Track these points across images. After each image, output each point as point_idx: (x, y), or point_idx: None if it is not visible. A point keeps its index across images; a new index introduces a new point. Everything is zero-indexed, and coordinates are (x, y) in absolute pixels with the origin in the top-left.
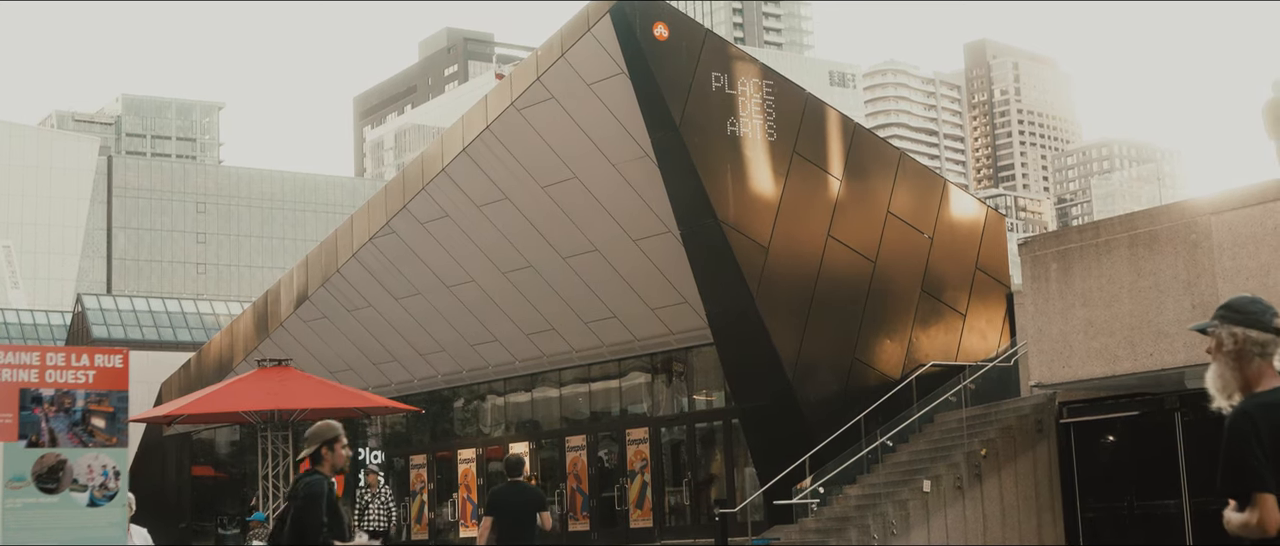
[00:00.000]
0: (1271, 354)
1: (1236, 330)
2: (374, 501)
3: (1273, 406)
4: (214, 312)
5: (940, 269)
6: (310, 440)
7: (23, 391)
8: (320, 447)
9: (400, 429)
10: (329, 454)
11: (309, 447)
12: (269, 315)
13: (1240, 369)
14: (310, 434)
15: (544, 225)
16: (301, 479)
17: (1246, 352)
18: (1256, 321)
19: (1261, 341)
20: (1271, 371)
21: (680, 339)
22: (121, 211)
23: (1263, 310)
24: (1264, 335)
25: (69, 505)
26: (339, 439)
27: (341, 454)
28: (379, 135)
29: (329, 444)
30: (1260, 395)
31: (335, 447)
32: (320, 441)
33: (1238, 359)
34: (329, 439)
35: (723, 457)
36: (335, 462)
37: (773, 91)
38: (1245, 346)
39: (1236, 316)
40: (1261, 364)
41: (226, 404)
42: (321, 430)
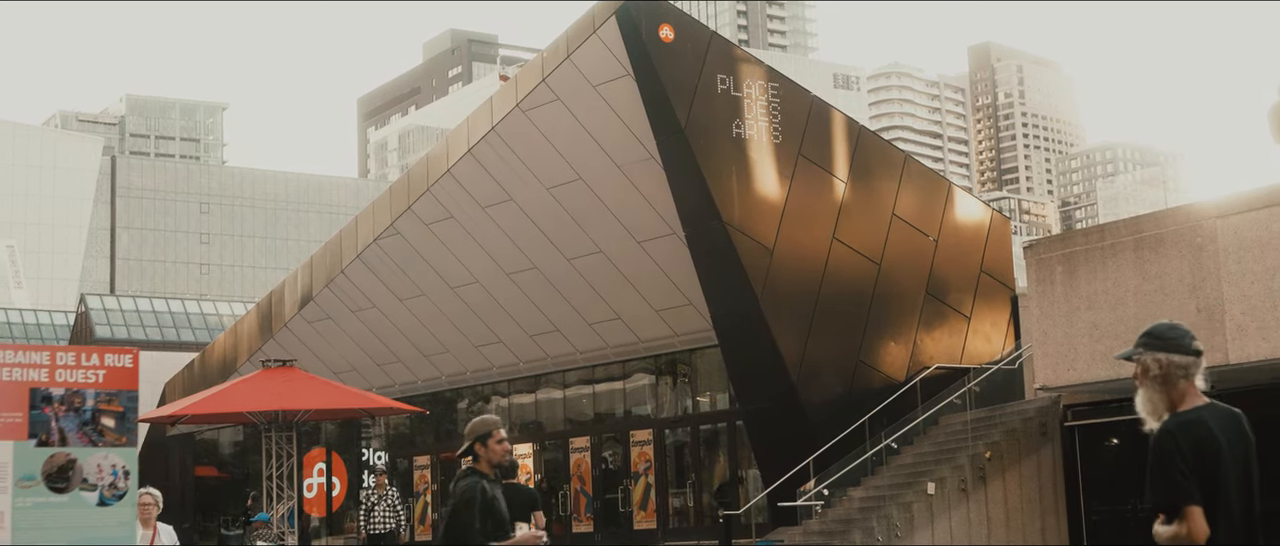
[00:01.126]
0: (1193, 375)
1: (1160, 356)
2: (381, 502)
3: (1195, 424)
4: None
5: (945, 271)
6: (465, 436)
7: (33, 390)
8: (474, 444)
9: (404, 430)
10: (483, 450)
11: (464, 445)
12: (273, 316)
13: (1166, 391)
14: (467, 430)
15: (549, 226)
16: (458, 479)
17: (1171, 376)
18: (1177, 346)
19: (1183, 364)
20: (1194, 391)
21: (684, 340)
22: (125, 212)
23: (1182, 335)
24: (1185, 358)
25: (78, 504)
26: (493, 434)
27: (497, 449)
28: (383, 136)
29: (482, 439)
30: (1183, 414)
31: (489, 443)
32: (474, 437)
33: (1163, 383)
34: (482, 434)
35: (727, 459)
36: (491, 458)
37: (778, 94)
38: (1170, 371)
39: (1159, 343)
40: (1185, 385)
41: (231, 404)
42: (476, 426)
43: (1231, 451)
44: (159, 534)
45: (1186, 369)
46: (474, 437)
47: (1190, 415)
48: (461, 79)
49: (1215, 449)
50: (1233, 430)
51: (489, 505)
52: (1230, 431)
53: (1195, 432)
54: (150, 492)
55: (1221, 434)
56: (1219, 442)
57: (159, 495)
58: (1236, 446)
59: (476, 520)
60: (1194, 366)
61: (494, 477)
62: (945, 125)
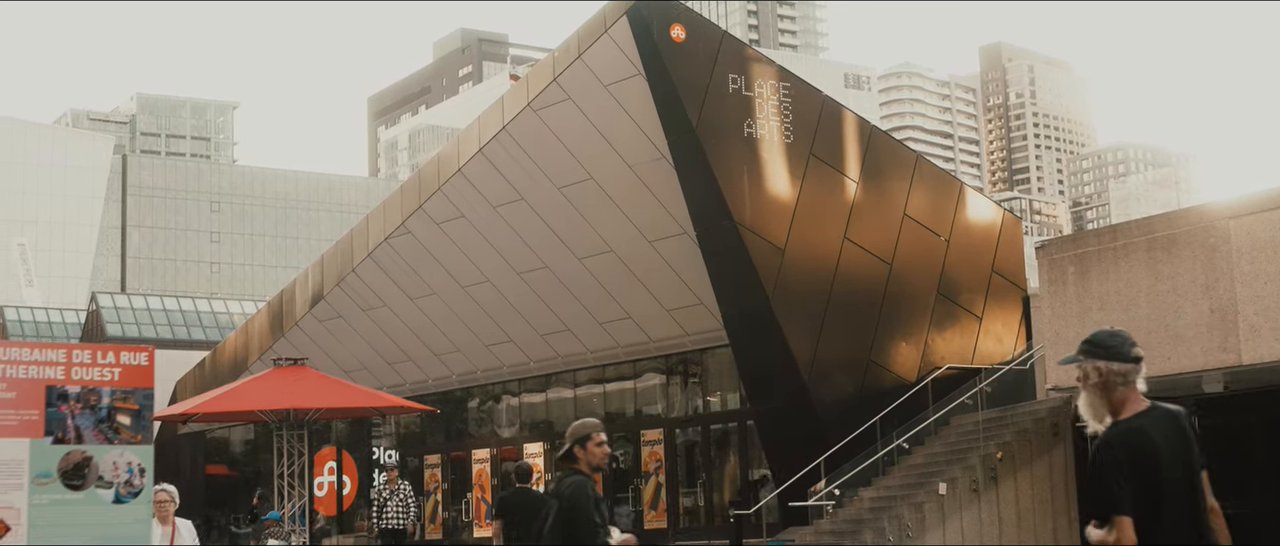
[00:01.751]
0: (1133, 381)
1: (1099, 363)
2: (392, 499)
3: (1134, 432)
4: (228, 311)
5: (956, 272)
6: (566, 438)
7: (49, 388)
8: (574, 446)
9: (415, 429)
10: (582, 452)
11: (564, 446)
12: (284, 314)
13: (1106, 397)
14: (568, 432)
15: (560, 226)
16: (564, 478)
17: (1110, 383)
18: (1117, 354)
19: (1123, 371)
20: (1135, 395)
21: (695, 340)
22: (136, 210)
23: (1122, 343)
24: (1125, 365)
25: (94, 502)
26: (592, 436)
27: (597, 451)
28: (393, 135)
29: (582, 441)
30: (1123, 422)
31: (588, 446)
32: (575, 439)
33: (1103, 389)
34: (582, 436)
35: (738, 459)
36: (591, 460)
37: (789, 93)
38: (1109, 377)
39: (1099, 351)
40: (1125, 390)
41: (243, 402)
42: (577, 428)
43: (1171, 453)
44: (178, 530)
45: (1125, 376)
46: (574, 440)
47: (1130, 423)
48: (472, 78)
49: (1153, 454)
50: (1172, 431)
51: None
52: (1170, 433)
53: (1132, 441)
54: (166, 489)
55: (1160, 438)
56: (1157, 447)
57: (175, 491)
58: (1177, 447)
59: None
60: (1133, 373)
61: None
62: (956, 125)
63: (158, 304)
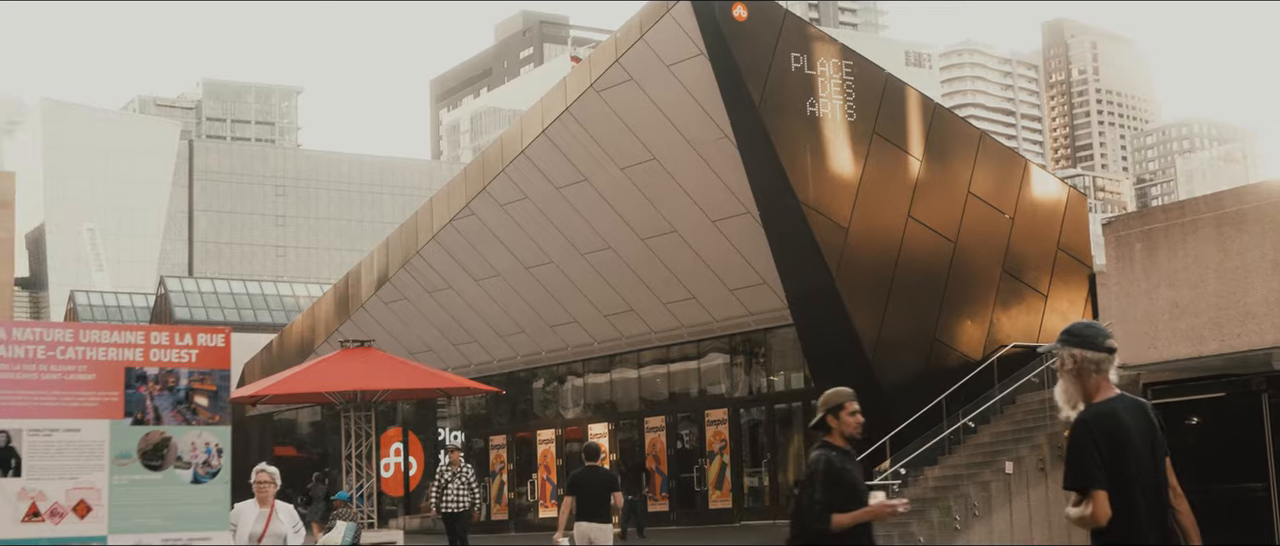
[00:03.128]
0: (1106, 369)
1: (1075, 351)
2: (454, 480)
3: (1107, 414)
4: (294, 294)
5: (1021, 249)
6: (818, 408)
7: (128, 370)
8: (826, 415)
9: (480, 410)
10: (836, 421)
11: (817, 415)
12: (350, 297)
13: (1080, 383)
14: (820, 401)
15: (623, 207)
16: (813, 449)
17: (1084, 370)
18: (1091, 343)
19: (1096, 359)
20: (1107, 384)
21: (759, 320)
22: (202, 195)
23: (1097, 333)
24: (1098, 354)
25: (173, 482)
26: (845, 405)
27: (850, 420)
28: (455, 118)
29: (835, 411)
30: (1097, 405)
31: (841, 415)
32: (827, 409)
33: (1078, 376)
34: (835, 405)
35: (802, 439)
36: (844, 430)
37: (852, 72)
38: (1083, 365)
39: (1075, 340)
40: (1098, 378)
41: (311, 384)
42: (829, 397)
43: (1140, 438)
44: (276, 513)
45: (1098, 364)
46: (827, 409)
47: (1103, 407)
48: (533, 60)
49: (1125, 437)
50: (1140, 418)
51: (837, 476)
52: (1138, 420)
53: (1107, 423)
54: (267, 470)
55: (1130, 422)
56: (1128, 430)
57: (276, 472)
58: (1143, 432)
59: (818, 492)
60: (1106, 362)
61: (846, 449)
62: (1018, 102)
63: (225, 287)
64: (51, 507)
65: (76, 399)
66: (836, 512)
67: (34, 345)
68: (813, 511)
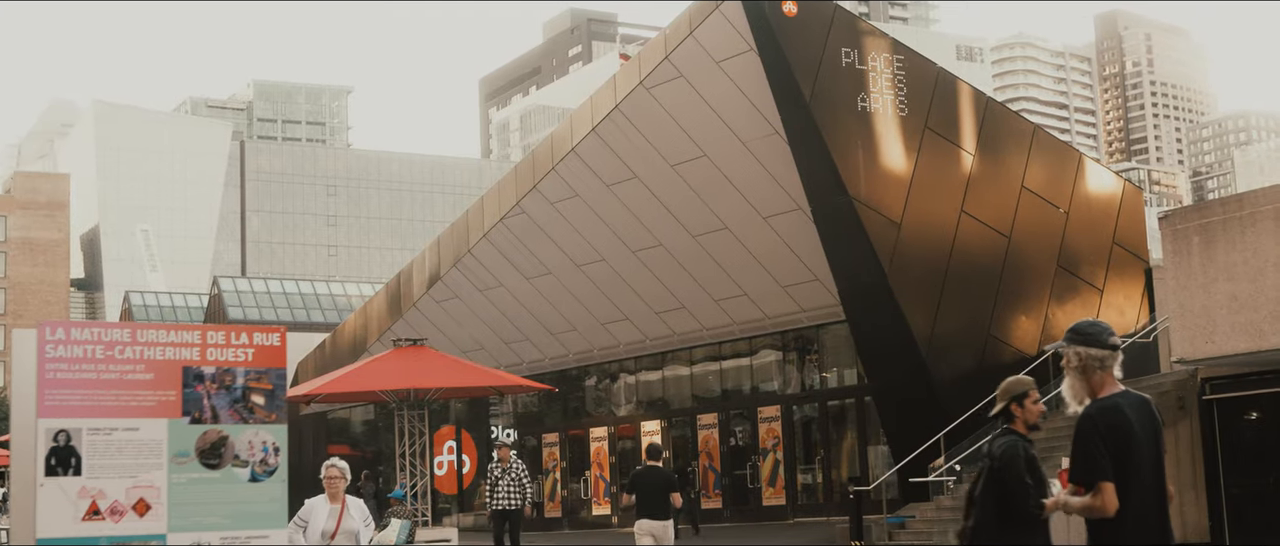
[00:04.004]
0: (1110, 366)
1: (1080, 349)
2: (504, 477)
3: (1111, 409)
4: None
5: (1076, 244)
6: (999, 396)
7: (185, 369)
8: (1009, 404)
9: (533, 408)
10: (1020, 410)
11: (998, 404)
12: (402, 295)
13: (1086, 379)
14: (999, 390)
15: (674, 203)
16: (996, 439)
17: (1088, 367)
18: (1095, 341)
19: (1100, 356)
20: (1112, 380)
21: (811, 316)
22: (254, 195)
23: (1101, 331)
24: (1102, 351)
25: (231, 480)
26: (1029, 393)
27: (1033, 409)
28: (504, 116)
29: (1018, 399)
30: (1102, 400)
31: (1026, 403)
32: (1010, 397)
33: (1083, 372)
34: (1018, 394)
35: (855, 435)
36: (1027, 418)
37: (903, 66)
38: (1088, 362)
39: (1079, 338)
40: (1102, 375)
41: (365, 383)
42: (1011, 385)
43: (1142, 433)
44: (347, 509)
45: (1103, 361)
46: (1010, 397)
47: (1108, 401)
48: (582, 58)
49: (1128, 430)
50: (1144, 414)
51: (1032, 463)
52: (1142, 415)
53: (1111, 417)
54: (337, 464)
55: (1134, 417)
56: (1132, 425)
57: (346, 467)
58: (1147, 428)
59: (1026, 476)
60: (1110, 359)
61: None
62: (1072, 95)
63: (278, 287)
64: (111, 505)
65: (135, 398)
66: None
67: (92, 345)
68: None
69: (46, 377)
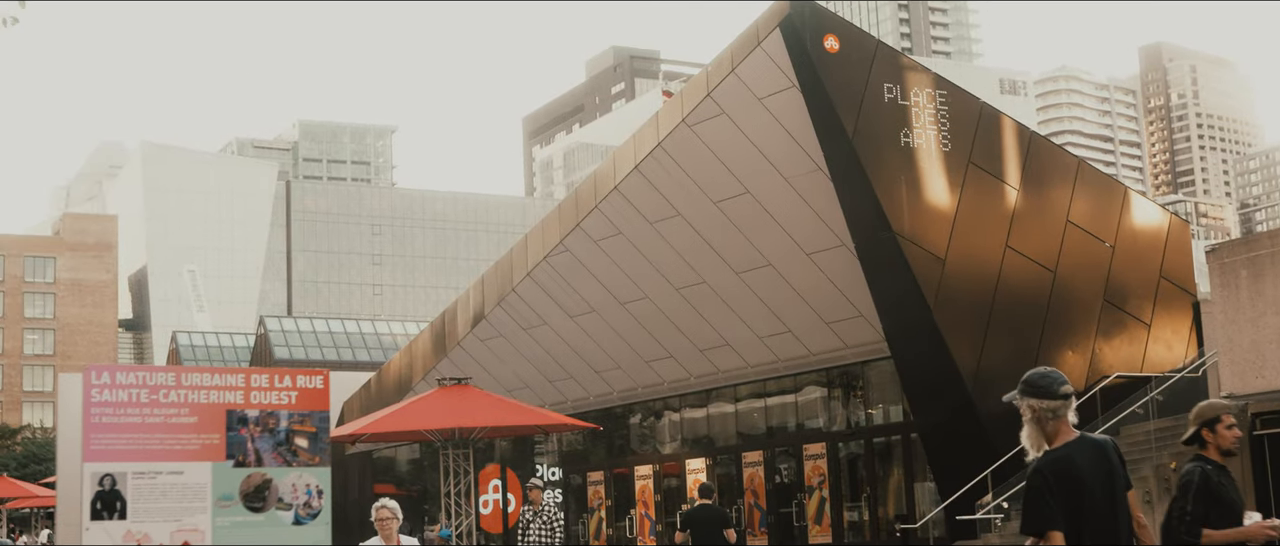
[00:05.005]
0: (1063, 415)
1: (1032, 401)
2: (536, 520)
3: (1062, 459)
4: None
5: (1123, 278)
6: (1191, 421)
7: (229, 412)
8: (1201, 429)
9: (578, 446)
10: (1211, 435)
11: (1189, 429)
12: (446, 334)
13: (1041, 429)
14: (1191, 414)
15: (717, 240)
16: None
17: (1042, 417)
18: (1046, 392)
19: (1052, 407)
20: (1066, 426)
21: (856, 353)
22: (300, 234)
23: (1052, 382)
24: (1053, 402)
25: (275, 523)
26: (1221, 419)
27: (1226, 435)
28: (548, 154)
29: (1210, 425)
30: (1054, 451)
31: (1218, 429)
32: (1201, 422)
33: (1037, 423)
34: (1210, 419)
35: (902, 472)
36: (1221, 444)
37: (946, 101)
38: (1041, 413)
39: (1031, 389)
40: (1056, 423)
41: (409, 422)
42: (1203, 410)
43: (1094, 478)
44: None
45: (1054, 410)
46: (1201, 423)
47: (1059, 452)
48: (624, 95)
49: (1077, 478)
50: (1097, 459)
51: (1211, 491)
52: (1095, 460)
53: (1061, 467)
54: (388, 505)
55: (1085, 463)
56: (1082, 472)
57: (396, 507)
58: (1100, 472)
59: (1189, 505)
60: (1062, 408)
61: (1222, 464)
62: (1116, 129)
63: (323, 326)
64: None
65: (179, 441)
66: (1209, 528)
67: (137, 388)
68: (1182, 523)
69: (92, 421)
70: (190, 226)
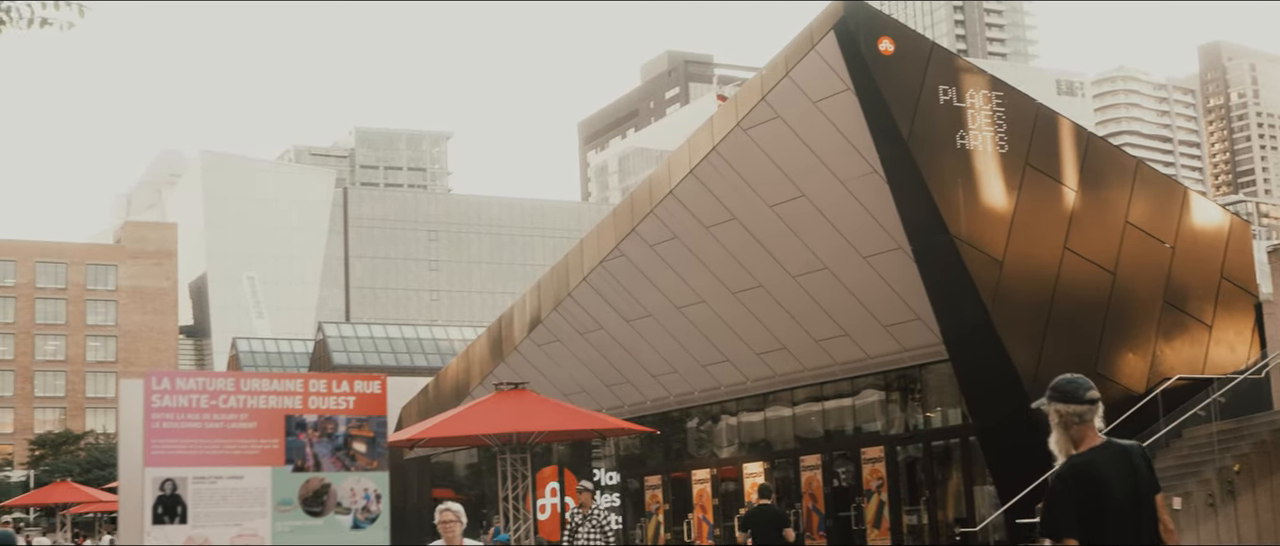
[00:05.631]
0: (1089, 419)
1: (1058, 406)
2: (585, 524)
3: (1085, 464)
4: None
5: (1183, 279)
6: None
7: (288, 417)
8: None
9: (635, 450)
10: None
11: None
12: (503, 339)
13: (1067, 434)
14: None
15: (773, 244)
16: None
17: (1069, 421)
18: (1072, 397)
19: (1078, 411)
20: (1092, 432)
21: (913, 356)
22: (357, 241)
23: (1078, 387)
24: (1079, 407)
25: (334, 528)
26: None
27: None
28: (603, 159)
29: None
30: (1077, 456)
31: None
32: None
33: (1063, 428)
34: None
35: (960, 476)
36: None
37: (1002, 103)
38: (1066, 418)
39: (1057, 395)
40: (1081, 428)
41: (467, 427)
42: None
43: (1118, 483)
44: None
45: (1080, 415)
46: None
47: (1083, 457)
48: (679, 100)
49: (1100, 482)
50: (1121, 464)
51: None
52: (1118, 466)
53: (1083, 473)
54: (451, 508)
55: (1109, 469)
56: (1105, 479)
57: (461, 510)
58: (1124, 477)
59: None
60: (1089, 413)
61: None
62: (1175, 129)
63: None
64: None
65: (239, 447)
66: None
67: (197, 394)
68: None
69: (153, 427)
70: (249, 234)
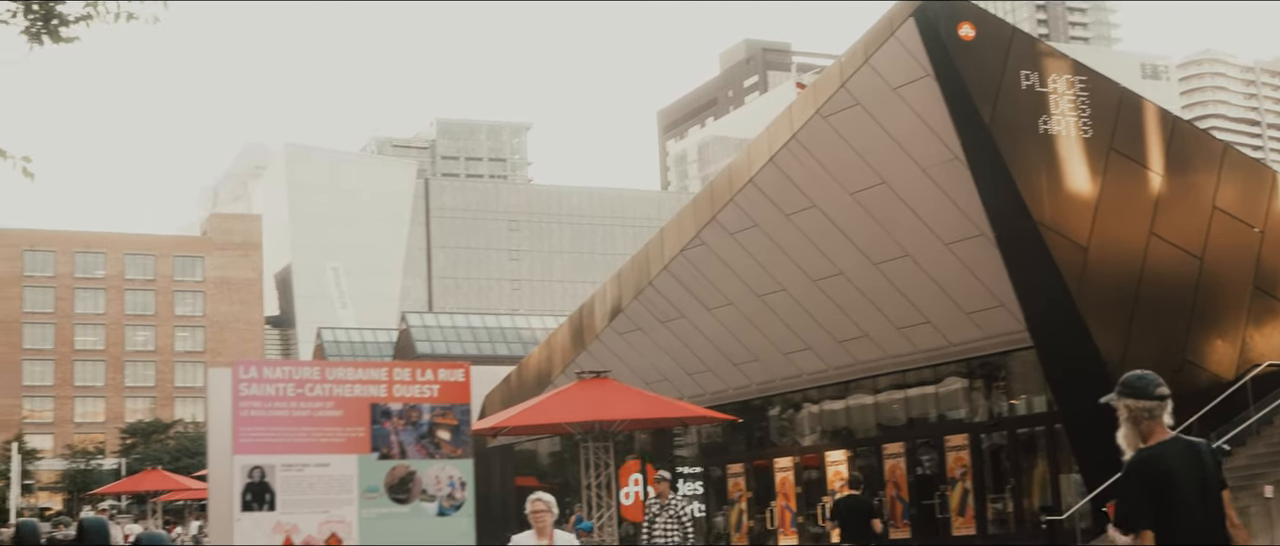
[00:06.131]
0: (1159, 415)
1: (1128, 402)
2: (662, 514)
3: (1154, 458)
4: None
5: (1273, 264)
6: None
7: (373, 406)
8: None
9: (717, 438)
10: None
11: None
12: (584, 328)
13: (1135, 429)
14: None
15: (853, 231)
16: None
17: (1137, 418)
18: (1142, 393)
19: (1148, 407)
20: (1161, 427)
21: (996, 343)
22: (439, 231)
23: (1148, 383)
24: (1149, 402)
25: (419, 515)
26: None
27: None
28: (682, 148)
29: None
30: (1147, 449)
31: None
32: None
33: (1133, 423)
34: None
35: (1046, 463)
36: None
37: (1085, 87)
38: (1136, 413)
39: (1127, 390)
40: (1150, 424)
41: (549, 415)
42: None
43: (1186, 477)
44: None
45: (1151, 411)
46: None
47: (1152, 450)
48: (757, 88)
49: (1169, 478)
50: (1189, 459)
51: None
52: (1187, 461)
53: (1153, 466)
54: (543, 498)
55: (1176, 463)
56: (1174, 472)
57: (551, 500)
58: (1192, 472)
59: None
60: (1158, 409)
61: None
62: (1263, 112)
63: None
64: (305, 540)
65: (325, 435)
66: None
67: (284, 383)
68: None
69: (241, 415)
70: (332, 225)
